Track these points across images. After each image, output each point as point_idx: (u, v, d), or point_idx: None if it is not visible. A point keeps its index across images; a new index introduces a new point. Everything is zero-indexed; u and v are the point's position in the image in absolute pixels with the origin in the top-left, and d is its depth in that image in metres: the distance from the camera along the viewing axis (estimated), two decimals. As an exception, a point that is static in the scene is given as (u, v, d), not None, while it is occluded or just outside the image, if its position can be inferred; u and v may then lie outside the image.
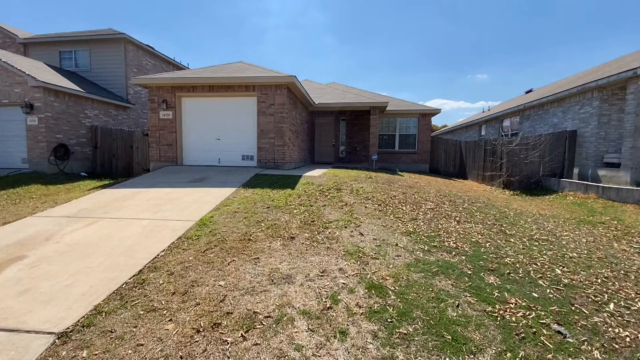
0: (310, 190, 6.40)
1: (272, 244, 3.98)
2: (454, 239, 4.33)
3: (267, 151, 9.20)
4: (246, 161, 9.58)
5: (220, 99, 9.55)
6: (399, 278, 3.21)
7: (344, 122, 15.67)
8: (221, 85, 9.20)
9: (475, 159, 13.58)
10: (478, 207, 6.45)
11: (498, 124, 17.28)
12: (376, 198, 6.09)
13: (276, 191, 6.30)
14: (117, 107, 14.15)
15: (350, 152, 15.67)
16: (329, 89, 15.69)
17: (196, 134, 9.76)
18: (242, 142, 9.54)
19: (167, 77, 9.43)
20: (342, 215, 4.99)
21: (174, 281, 3.15)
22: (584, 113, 10.28)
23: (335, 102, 13.29)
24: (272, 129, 9.11)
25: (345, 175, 8.43)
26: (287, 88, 9.15)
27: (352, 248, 3.87)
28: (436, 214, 5.43)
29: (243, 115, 9.46)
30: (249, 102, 9.38)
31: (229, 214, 4.96)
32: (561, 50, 70.70)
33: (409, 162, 15.42)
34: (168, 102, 9.48)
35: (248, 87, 9.13)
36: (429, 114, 15.15)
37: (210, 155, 9.72)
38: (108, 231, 4.44)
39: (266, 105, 9.09)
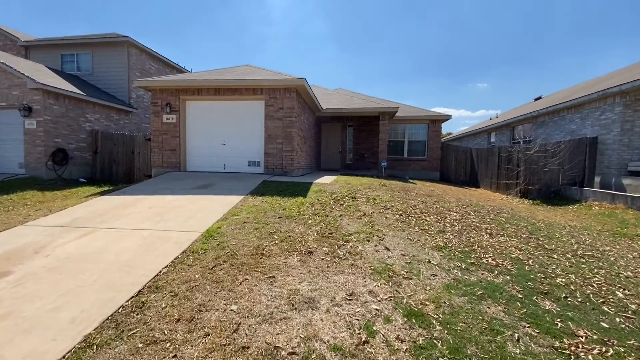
0: (323, 198, 5.99)
1: (289, 259, 3.55)
2: (491, 255, 3.89)
3: (275, 157, 8.81)
4: (252, 167, 9.19)
5: (226, 102, 9.21)
6: (441, 303, 2.77)
7: (351, 128, 15.33)
8: (227, 88, 8.87)
9: (488, 166, 13.15)
10: (505, 217, 6.01)
11: (509, 131, 16.91)
12: (396, 207, 5.66)
13: (287, 199, 5.88)
14: (118, 112, 13.87)
15: (358, 159, 15.29)
16: (335, 95, 15.40)
17: (200, 139, 9.40)
18: (248, 148, 9.17)
19: (171, 79, 9.11)
20: (362, 227, 4.56)
21: (178, 305, 2.72)
22: (605, 119, 9.88)
23: (343, 108, 12.97)
24: (280, 133, 8.74)
25: (357, 182, 8.02)
26: (296, 91, 8.81)
27: (380, 265, 3.43)
28: (464, 226, 4.99)
29: (250, 119, 9.11)
30: (256, 106, 9.04)
31: (238, 225, 4.54)
32: (559, 61, 71.02)
33: (418, 169, 15.01)
34: (172, 105, 9.15)
35: (255, 90, 8.80)
36: (438, 120, 14.80)
37: (214, 161, 9.34)
38: (104, 243, 4.02)
39: (274, 109, 8.74)
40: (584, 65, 68.68)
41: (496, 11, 56.81)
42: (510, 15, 56.44)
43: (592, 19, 56.77)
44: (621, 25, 56.37)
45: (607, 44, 59.71)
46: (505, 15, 56.76)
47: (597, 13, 53.75)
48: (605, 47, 60.69)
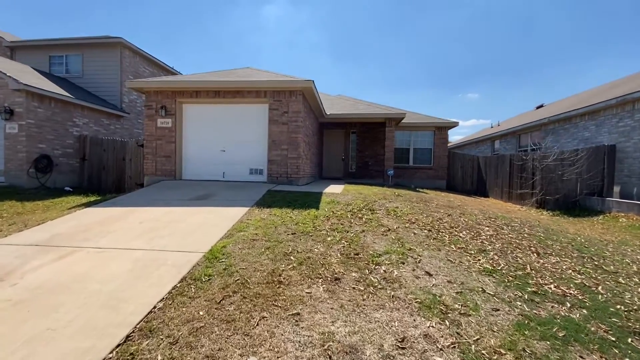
0: (338, 210, 5.39)
1: (313, 288, 2.93)
2: (550, 280, 3.32)
3: (279, 164, 8.21)
4: (255, 175, 8.57)
5: (226, 106, 8.63)
6: (519, 351, 2.17)
7: (354, 134, 14.84)
8: (228, 90, 8.30)
9: (498, 175, 12.72)
10: (541, 232, 5.47)
11: (515, 139, 16.60)
12: (421, 221, 5.08)
13: (298, 212, 5.26)
14: (109, 116, 13.18)
15: (361, 167, 14.76)
16: (338, 100, 14.95)
17: (198, 145, 8.78)
18: (250, 155, 8.56)
19: (167, 81, 8.52)
20: (390, 245, 3.97)
21: (179, 357, 2.08)
22: (623, 126, 9.54)
23: (348, 113, 12.48)
24: (285, 139, 8.16)
25: (369, 192, 7.44)
26: (303, 94, 8.29)
27: (426, 297, 2.83)
28: (504, 244, 4.43)
29: (252, 124, 8.54)
30: (259, 110, 8.48)
31: (247, 243, 3.91)
32: (548, 73, 72.55)
33: (424, 178, 14.53)
34: (167, 108, 8.53)
35: (259, 93, 8.25)
36: (445, 127, 14.41)
37: (213, 169, 8.70)
38: (87, 267, 3.36)
39: (279, 113, 8.18)
40: (572, 74, 70.08)
41: (489, 22, 57.88)
42: (501, 26, 57.52)
43: (579, 30, 58.16)
44: (608, 35, 57.77)
45: (594, 54, 61.08)
46: (497, 26, 57.83)
47: (584, 25, 55.09)
48: (593, 57, 62.07)
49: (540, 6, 49.65)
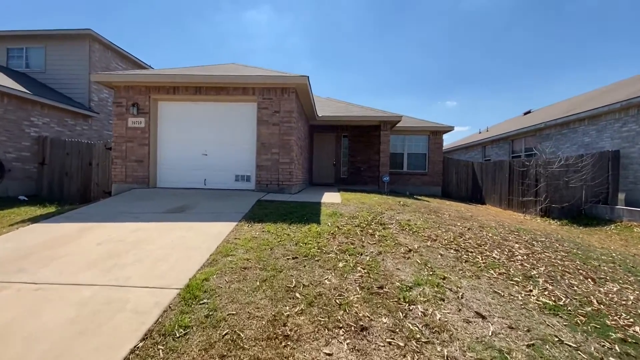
0: (344, 225, 4.59)
1: (333, 346, 2.11)
2: (629, 319, 2.64)
3: (269, 170, 7.35)
4: (241, 183, 7.65)
5: (209, 104, 7.71)
6: None
7: (345, 139, 14.16)
8: (211, 86, 7.40)
9: (495, 181, 12.33)
10: (575, 249, 4.87)
11: (508, 145, 16.43)
12: (442, 238, 4.36)
13: (296, 227, 4.43)
14: (75, 116, 11.90)
15: (354, 173, 14.07)
16: (329, 102, 14.26)
17: (176, 148, 7.78)
18: (236, 159, 7.66)
19: (140, 74, 7.53)
20: (418, 272, 3.20)
21: None
22: (627, 131, 9.30)
23: (341, 116, 11.78)
24: (276, 142, 7.32)
25: (371, 201, 6.70)
26: (296, 92, 7.49)
27: (491, 355, 2.06)
28: (547, 266, 3.75)
29: (238, 124, 7.65)
30: (247, 109, 7.61)
31: (236, 273, 3.03)
32: (521, 82, 75.69)
33: (419, 184, 14.00)
34: (140, 106, 7.52)
35: (246, 90, 7.38)
36: (440, 131, 13.98)
37: (193, 175, 7.72)
38: (9, 316, 2.40)
39: (269, 113, 7.34)
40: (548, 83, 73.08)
41: (467, 32, 59.59)
42: (479, 35, 59.35)
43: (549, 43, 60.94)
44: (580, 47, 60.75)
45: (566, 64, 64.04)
46: (475, 35, 59.64)
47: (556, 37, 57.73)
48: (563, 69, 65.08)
49: (517, 17, 51.44)
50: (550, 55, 67.47)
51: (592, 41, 59.48)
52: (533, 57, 69.79)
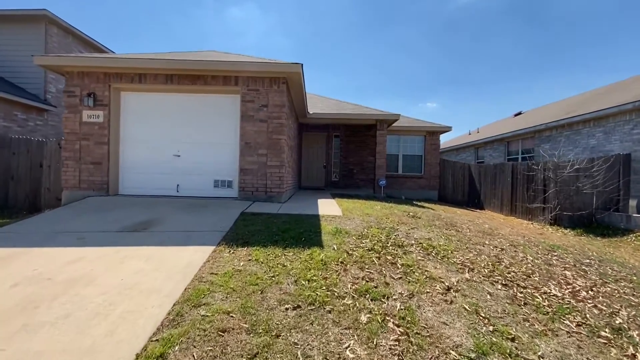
0: (354, 249, 3.62)
1: None
2: None
3: (255, 175, 6.28)
4: (221, 190, 6.54)
5: (182, 96, 6.56)
6: None
7: (337, 139, 13.23)
8: (187, 74, 6.26)
9: (496, 185, 11.72)
10: (634, 274, 4.09)
11: (503, 146, 15.99)
12: (479, 265, 3.46)
13: (294, 253, 3.41)
14: (27, 109, 10.36)
15: (346, 175, 13.15)
16: (319, 99, 13.28)
17: (142, 148, 6.58)
18: (215, 161, 6.54)
19: (98, 57, 6.27)
20: (473, 329, 2.27)
21: None
22: (638, 134, 8.82)
23: (333, 113, 10.82)
24: (263, 141, 6.26)
25: (377, 212, 5.77)
26: (287, 83, 6.46)
27: None
28: (625, 307, 2.91)
29: (218, 120, 6.54)
30: (228, 102, 6.51)
31: (209, 341, 2.00)
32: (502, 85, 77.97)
33: (414, 188, 13.25)
34: (98, 96, 6.28)
35: (228, 79, 6.28)
36: (437, 131, 13.28)
37: (164, 181, 6.55)
38: None
39: (255, 107, 6.27)
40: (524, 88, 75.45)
41: (448, 34, 60.39)
42: (460, 38, 60.30)
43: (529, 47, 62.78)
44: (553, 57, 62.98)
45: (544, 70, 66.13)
46: (456, 38, 60.54)
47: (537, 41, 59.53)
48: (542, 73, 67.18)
49: (495, 20, 52.44)
50: (530, 58, 69.24)
51: (571, 46, 61.44)
52: (514, 60, 71.49)
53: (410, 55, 69.65)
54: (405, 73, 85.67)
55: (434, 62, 71.60)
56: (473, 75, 70.48)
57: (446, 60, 68.22)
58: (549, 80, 67.61)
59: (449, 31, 57.26)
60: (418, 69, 78.40)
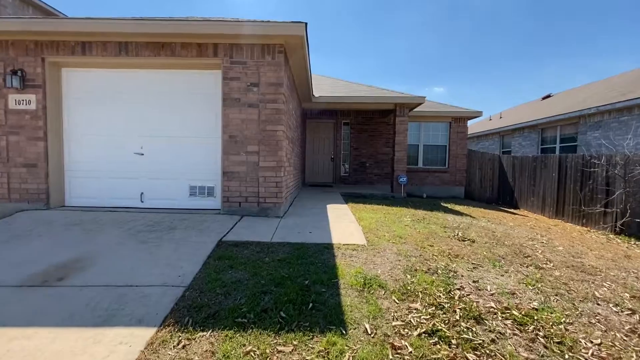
0: (401, 331, 2.07)
1: None
2: None
3: (244, 180, 4.71)
4: (199, 199, 5.01)
5: (144, 73, 4.95)
6: None
7: (347, 127, 11.56)
8: (148, 40, 4.63)
9: (536, 181, 10.07)
10: None
11: (536, 134, 14.21)
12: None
13: (294, 347, 1.89)
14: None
15: (357, 170, 11.54)
16: (326, 81, 11.55)
17: (94, 144, 5.04)
18: (190, 161, 4.99)
19: (25, 20, 4.64)
20: None
21: None
22: None
23: (344, 96, 9.12)
24: (253, 134, 4.67)
25: (411, 233, 4.21)
26: (285, 53, 4.80)
27: None
28: None
29: (192, 105, 4.94)
30: (205, 81, 4.90)
31: None
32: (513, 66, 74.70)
33: (437, 183, 11.62)
34: (27, 74, 4.70)
35: (204, 49, 4.65)
36: (464, 117, 11.53)
37: (124, 187, 5.02)
38: None
39: (242, 87, 4.65)
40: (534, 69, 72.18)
41: (456, 18, 57.26)
42: (467, 21, 57.24)
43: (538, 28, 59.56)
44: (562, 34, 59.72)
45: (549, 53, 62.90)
46: (463, 22, 57.51)
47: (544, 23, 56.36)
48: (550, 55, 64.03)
49: (505, 3, 49.29)
50: (540, 41, 65.78)
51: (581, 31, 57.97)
52: (522, 43, 68.05)
53: (418, 39, 66.71)
54: (411, 57, 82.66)
55: (443, 46, 68.67)
56: (482, 57, 67.49)
57: (455, 43, 65.26)
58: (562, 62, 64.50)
59: (459, 13, 54.29)
60: (425, 53, 75.44)
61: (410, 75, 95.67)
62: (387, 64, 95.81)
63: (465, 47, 67.42)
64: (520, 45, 64.33)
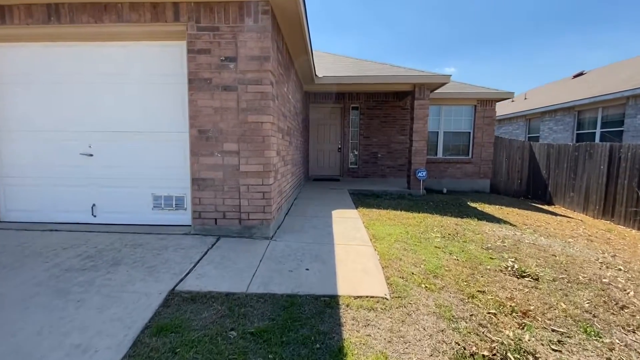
0: None
1: None
2: None
3: (219, 189, 3.58)
4: (166, 212, 3.91)
5: (85, 47, 3.78)
6: None
7: (356, 112, 10.28)
8: (82, 1, 3.44)
9: (576, 174, 8.73)
10: None
11: (571, 117, 12.68)
12: None
13: None
14: None
15: (367, 162, 10.33)
16: (331, 58, 10.18)
17: (30, 141, 3.95)
18: (151, 163, 3.87)
19: None
20: None
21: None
22: None
23: (353, 77, 7.81)
24: (231, 127, 3.50)
25: (448, 265, 3.07)
26: (272, 13, 3.56)
27: None
28: None
29: (151, 89, 3.78)
30: (165, 56, 3.71)
31: None
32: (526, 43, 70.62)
33: (458, 176, 10.35)
34: None
35: (160, 10, 3.44)
36: (492, 99, 10.11)
37: (71, 197, 3.96)
38: None
39: (214, 63, 3.45)
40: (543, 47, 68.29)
41: None
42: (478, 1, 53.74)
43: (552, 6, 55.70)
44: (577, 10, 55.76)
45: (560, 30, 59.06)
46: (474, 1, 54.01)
47: None
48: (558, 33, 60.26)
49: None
50: (552, 17, 61.77)
51: None
52: (533, 20, 64.12)
53: (428, 17, 63.42)
54: (422, 37, 79.17)
55: (453, 24, 65.21)
56: (494, 35, 63.96)
57: (466, 21, 61.81)
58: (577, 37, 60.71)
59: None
60: (435, 32, 72.01)
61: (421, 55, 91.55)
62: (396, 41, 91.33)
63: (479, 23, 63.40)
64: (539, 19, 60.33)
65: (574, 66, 18.55)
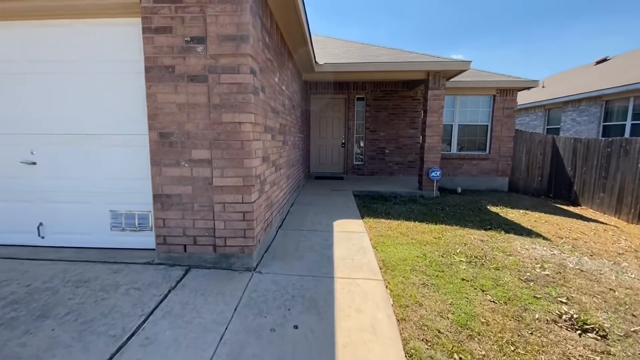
0: None
1: None
2: None
3: (189, 208, 2.86)
4: (128, 234, 3.20)
5: (19, 27, 3.02)
6: None
7: (361, 103, 9.43)
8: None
9: (608, 172, 7.86)
10: None
11: (598, 108, 11.69)
12: None
13: None
14: None
15: (373, 158, 9.53)
16: (334, 44, 9.29)
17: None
18: (108, 174, 3.15)
19: None
20: None
21: None
22: None
23: (359, 64, 6.94)
24: (200, 128, 2.75)
25: (489, 311, 2.33)
26: (254, -17, 2.77)
27: None
28: None
29: (103, 80, 3.02)
30: (119, 38, 2.94)
31: None
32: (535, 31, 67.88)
33: (474, 173, 9.52)
34: None
35: (105, -24, 2.67)
36: (513, 89, 9.17)
37: (12, 215, 3.27)
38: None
39: (176, 45, 2.68)
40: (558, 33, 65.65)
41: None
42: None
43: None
44: None
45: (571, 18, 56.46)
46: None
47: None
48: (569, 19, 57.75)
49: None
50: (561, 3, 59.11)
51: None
52: (543, 6, 61.52)
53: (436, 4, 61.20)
54: (429, 23, 76.76)
55: (461, 9, 62.94)
56: (501, 21, 61.63)
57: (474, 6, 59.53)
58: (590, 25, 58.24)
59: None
60: (443, 18, 69.67)
61: (428, 42, 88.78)
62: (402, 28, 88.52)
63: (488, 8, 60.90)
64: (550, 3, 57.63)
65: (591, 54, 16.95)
